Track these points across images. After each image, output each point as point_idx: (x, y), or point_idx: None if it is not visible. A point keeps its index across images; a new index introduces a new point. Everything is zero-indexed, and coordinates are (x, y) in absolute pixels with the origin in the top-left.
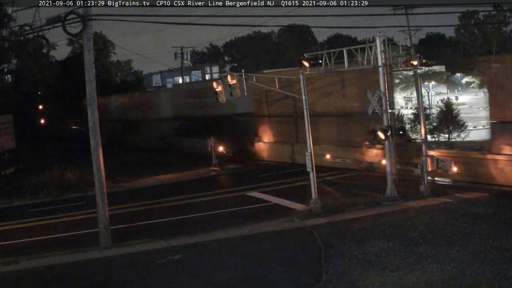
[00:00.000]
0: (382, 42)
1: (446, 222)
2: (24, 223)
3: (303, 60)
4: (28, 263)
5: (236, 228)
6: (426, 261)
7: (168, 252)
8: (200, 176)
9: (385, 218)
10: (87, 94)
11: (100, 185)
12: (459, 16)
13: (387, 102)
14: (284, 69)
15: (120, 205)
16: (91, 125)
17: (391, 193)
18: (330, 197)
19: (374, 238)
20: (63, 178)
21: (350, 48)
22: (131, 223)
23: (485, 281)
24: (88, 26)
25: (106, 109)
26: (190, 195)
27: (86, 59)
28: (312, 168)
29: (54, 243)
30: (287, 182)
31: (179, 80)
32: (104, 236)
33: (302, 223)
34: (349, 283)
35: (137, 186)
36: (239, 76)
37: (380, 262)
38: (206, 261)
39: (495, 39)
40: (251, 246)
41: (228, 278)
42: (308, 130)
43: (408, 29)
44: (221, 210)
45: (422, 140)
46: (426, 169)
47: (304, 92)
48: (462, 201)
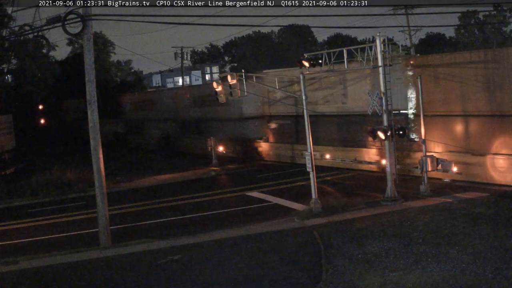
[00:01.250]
0: (382, 42)
1: (446, 222)
2: (24, 223)
3: (303, 60)
4: (28, 263)
5: (236, 228)
6: (426, 261)
7: (168, 252)
8: (200, 176)
9: (385, 218)
10: (87, 94)
11: (100, 185)
12: (459, 16)
13: (387, 102)
14: (285, 69)
15: (120, 205)
16: (91, 125)
17: (391, 193)
18: (330, 197)
19: (374, 238)
20: (63, 178)
21: (350, 48)
22: (131, 223)
23: (485, 281)
24: (88, 26)
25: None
26: (190, 195)
27: (86, 59)
28: (312, 168)
29: (54, 243)
30: (287, 182)
31: (179, 80)
32: (104, 236)
33: (302, 223)
34: (349, 283)
35: (137, 186)
36: (239, 76)
37: (380, 262)
38: (206, 261)
39: (495, 39)
40: (251, 246)
41: (228, 278)
42: (308, 130)
43: (408, 29)
44: (221, 210)
45: (422, 140)
46: (426, 169)
47: (304, 92)
48: (462, 201)
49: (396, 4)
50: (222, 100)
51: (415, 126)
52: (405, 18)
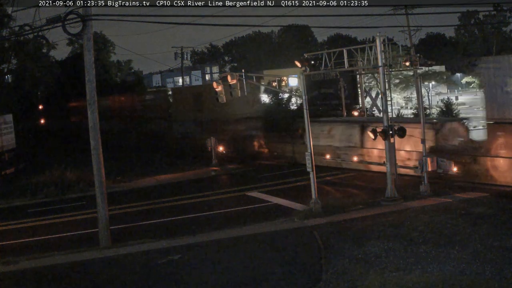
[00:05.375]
0: (382, 42)
1: (446, 222)
2: (24, 223)
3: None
4: (28, 263)
5: (236, 228)
6: (426, 261)
7: (168, 252)
8: (200, 176)
9: (385, 218)
10: (87, 94)
11: (100, 185)
12: (459, 16)
13: (387, 102)
14: (285, 69)
15: (120, 205)
16: (91, 125)
17: (391, 193)
18: (330, 197)
19: (374, 238)
20: (63, 178)
21: (350, 48)
22: (131, 223)
23: (485, 281)
24: (88, 26)
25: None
26: (190, 195)
27: (86, 59)
28: (312, 168)
29: (54, 243)
30: (287, 182)
31: (179, 80)
32: (104, 236)
33: (302, 223)
34: (349, 283)
35: (137, 186)
36: (239, 76)
37: (380, 262)
38: (206, 261)
39: (495, 39)
40: (251, 246)
41: (228, 278)
42: (308, 130)
43: (408, 29)
44: (221, 210)
45: (422, 140)
46: (426, 169)
47: (304, 92)
48: (462, 201)
49: (396, 4)
50: (222, 100)
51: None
52: (405, 18)
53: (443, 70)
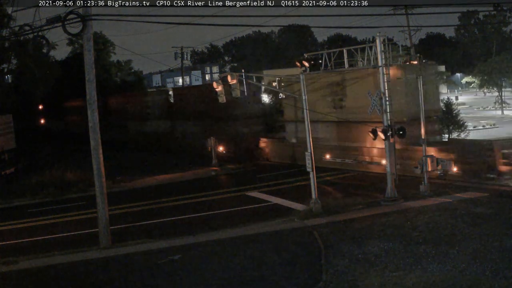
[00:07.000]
0: (382, 42)
1: (446, 222)
2: (24, 223)
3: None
4: (28, 263)
5: (236, 228)
6: (426, 261)
7: (168, 252)
8: (200, 176)
9: (385, 218)
10: (87, 94)
11: (100, 185)
12: (459, 16)
13: (387, 102)
14: (285, 69)
15: (120, 205)
16: (91, 125)
17: (391, 193)
18: (330, 197)
19: (374, 238)
20: (63, 178)
21: (350, 48)
22: (131, 223)
23: (485, 281)
24: (88, 26)
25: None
26: (190, 195)
27: (86, 59)
28: (312, 168)
29: (54, 243)
30: (287, 182)
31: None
32: (104, 236)
33: (302, 223)
34: (349, 283)
35: (137, 186)
36: (239, 76)
37: (380, 262)
38: (206, 261)
39: (495, 39)
40: (251, 246)
41: (228, 278)
42: (308, 130)
43: (408, 29)
44: (221, 210)
45: (422, 140)
46: (426, 169)
47: (304, 92)
48: (462, 201)
49: (396, 4)
50: (222, 100)
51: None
52: (405, 18)
53: (443, 70)
